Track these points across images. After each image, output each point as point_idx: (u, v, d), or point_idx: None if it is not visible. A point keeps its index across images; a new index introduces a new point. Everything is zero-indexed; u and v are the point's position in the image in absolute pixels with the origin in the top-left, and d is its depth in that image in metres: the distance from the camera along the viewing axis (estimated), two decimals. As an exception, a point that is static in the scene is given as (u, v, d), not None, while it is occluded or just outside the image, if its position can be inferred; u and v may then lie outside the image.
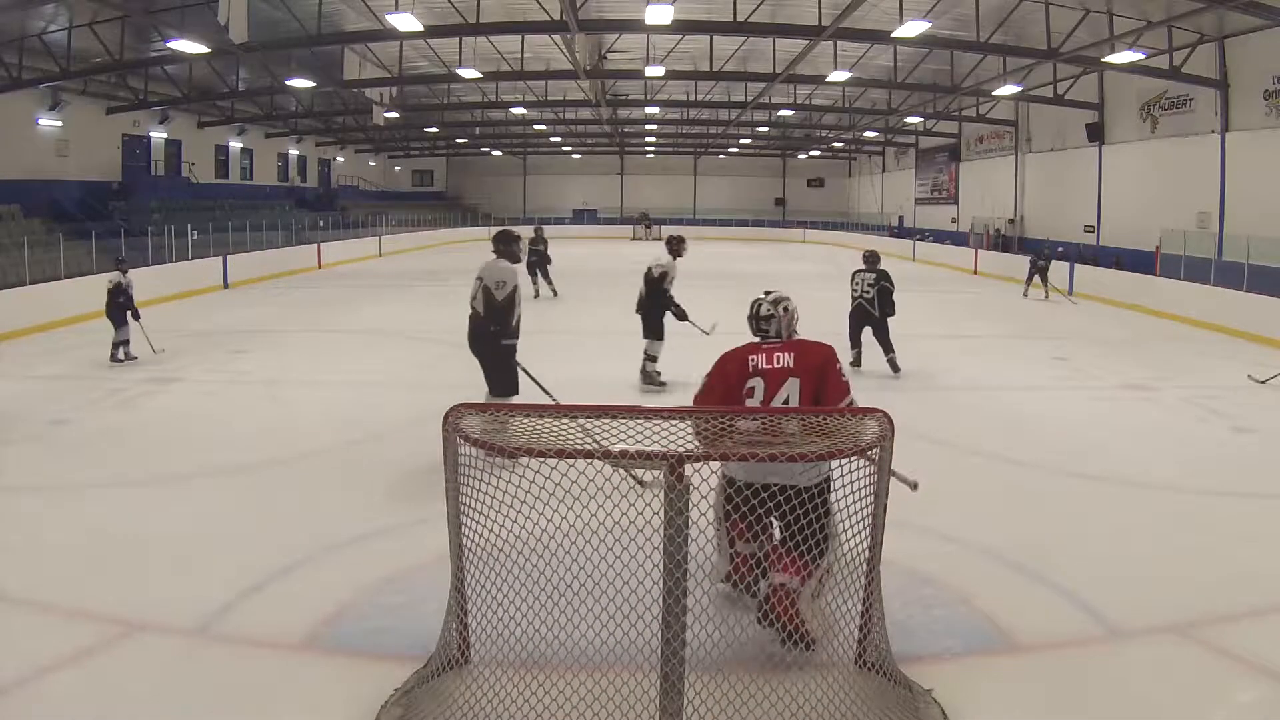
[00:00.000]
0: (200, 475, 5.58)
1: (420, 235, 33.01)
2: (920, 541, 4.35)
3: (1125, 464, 5.97)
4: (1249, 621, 3.65)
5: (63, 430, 6.71)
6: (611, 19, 17.18)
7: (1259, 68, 15.76)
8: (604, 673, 2.95)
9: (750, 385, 3.44)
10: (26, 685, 3.08)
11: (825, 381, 3.44)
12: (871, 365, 9.08)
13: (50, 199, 18.83)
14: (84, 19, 15.84)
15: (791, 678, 2.95)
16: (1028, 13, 15.77)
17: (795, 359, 3.47)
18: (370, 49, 21.21)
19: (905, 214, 35.73)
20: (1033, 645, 3.48)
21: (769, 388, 3.43)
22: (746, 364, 3.49)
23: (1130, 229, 19.64)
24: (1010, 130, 26.46)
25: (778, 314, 3.69)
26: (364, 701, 2.97)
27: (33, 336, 11.19)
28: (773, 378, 3.43)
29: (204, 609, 3.65)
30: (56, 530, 4.61)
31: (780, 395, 3.41)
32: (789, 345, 3.57)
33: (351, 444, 6.38)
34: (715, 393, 3.49)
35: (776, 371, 3.44)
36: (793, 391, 3.41)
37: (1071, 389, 8.66)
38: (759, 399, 3.42)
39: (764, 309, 3.69)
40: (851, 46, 18.77)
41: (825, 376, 3.45)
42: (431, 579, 3.68)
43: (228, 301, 15.25)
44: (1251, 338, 11.80)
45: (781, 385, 3.42)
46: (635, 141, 39.82)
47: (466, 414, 2.92)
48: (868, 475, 2.91)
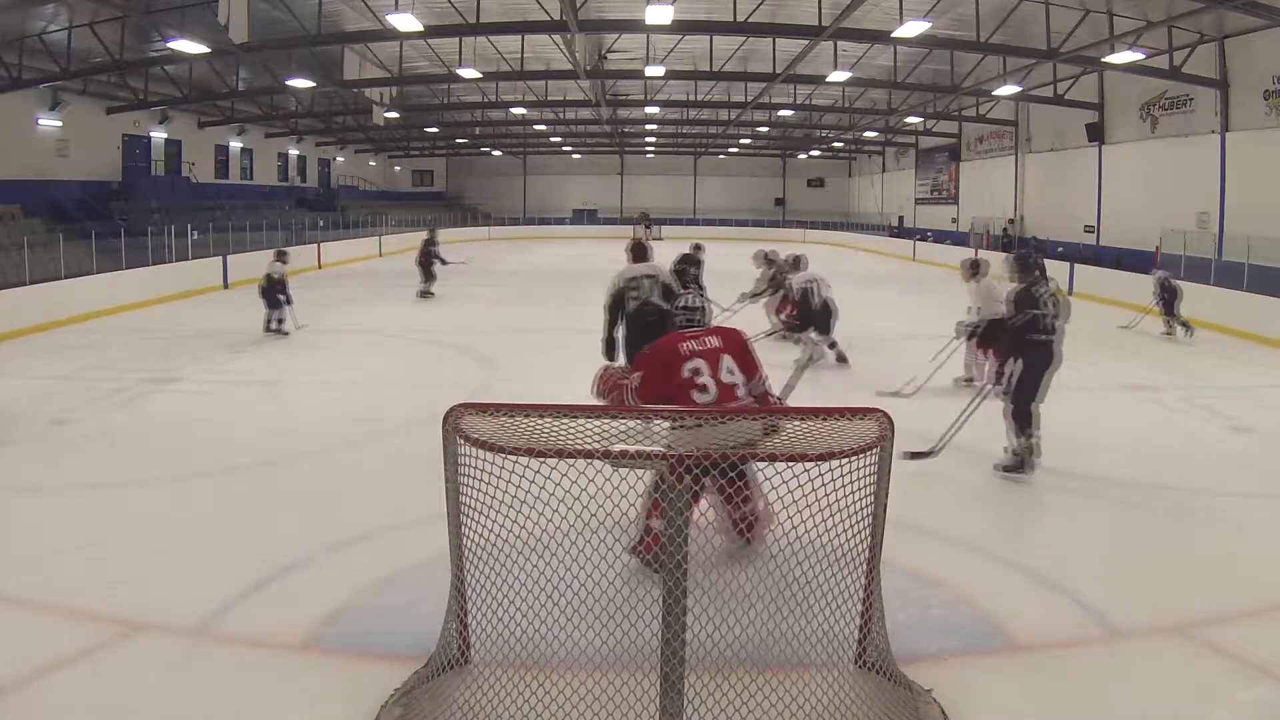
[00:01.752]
0: (200, 475, 5.58)
1: (420, 235, 32.91)
2: (920, 541, 4.35)
3: (1125, 464, 5.97)
4: (1249, 621, 3.65)
5: (63, 430, 6.70)
6: (611, 19, 17.17)
7: (1259, 68, 15.75)
8: (604, 673, 2.95)
9: (694, 366, 3.90)
10: (26, 685, 3.08)
11: (750, 359, 4.02)
12: (866, 367, 9.08)
13: (50, 199, 18.82)
14: (84, 19, 15.82)
15: (792, 678, 2.95)
16: (1028, 13, 15.76)
17: (723, 340, 4.01)
18: (370, 49, 21.19)
19: (905, 214, 35.72)
20: (1033, 645, 3.48)
21: (711, 366, 3.91)
22: (679, 350, 3.95)
23: (1130, 229, 19.63)
24: (1010, 130, 26.45)
25: (706, 306, 4.30)
26: (364, 701, 2.97)
27: (33, 336, 11.18)
28: (710, 356, 3.93)
29: (204, 609, 3.65)
30: (56, 530, 4.61)
31: (723, 367, 3.92)
32: (711, 330, 4.12)
33: (351, 444, 6.38)
34: (653, 381, 3.93)
35: (711, 351, 3.95)
36: (731, 365, 3.93)
37: (1071, 389, 8.64)
38: (706, 375, 3.89)
39: (694, 301, 4.26)
40: (851, 46, 18.76)
41: (747, 353, 4.03)
42: (431, 579, 3.68)
43: (228, 301, 15.23)
44: (1251, 338, 11.79)
45: (720, 360, 3.93)
46: (635, 141, 39.80)
47: (466, 414, 2.92)
48: (868, 475, 2.91)
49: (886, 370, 8.89)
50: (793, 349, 9.27)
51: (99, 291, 13.38)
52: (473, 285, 17.83)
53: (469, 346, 10.25)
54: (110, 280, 14.05)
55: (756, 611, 3.11)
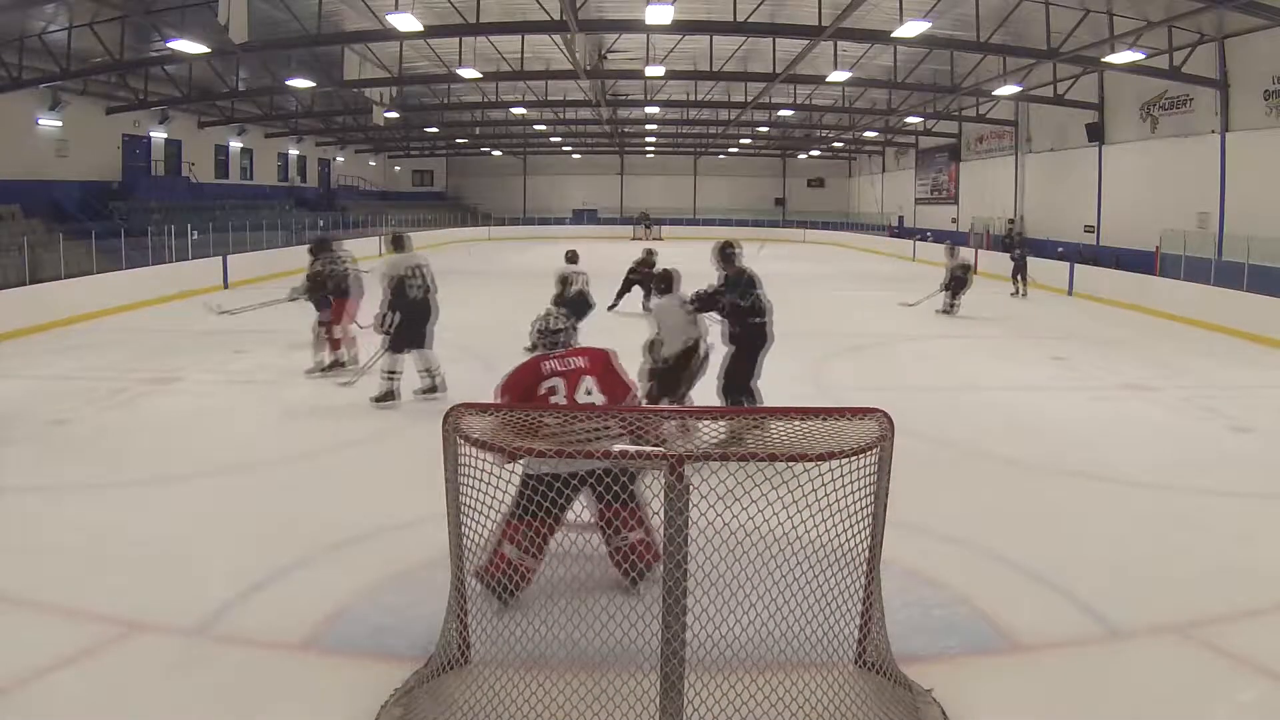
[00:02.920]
0: (200, 475, 5.58)
1: (420, 235, 32.92)
2: (920, 541, 4.35)
3: (1125, 464, 5.97)
4: (1249, 621, 3.65)
5: (63, 430, 6.70)
6: (611, 19, 17.17)
7: (1259, 68, 15.76)
8: (604, 673, 2.95)
9: (550, 385, 3.84)
10: (26, 685, 3.08)
11: (614, 378, 3.95)
12: (867, 367, 9.08)
13: (50, 199, 18.82)
14: (84, 19, 15.82)
15: (792, 678, 2.95)
16: (1028, 13, 15.76)
17: (588, 361, 3.95)
18: (370, 49, 21.19)
19: (905, 214, 35.73)
20: (1033, 645, 3.48)
21: (569, 385, 3.85)
22: (539, 370, 3.88)
23: (1130, 229, 19.63)
24: (1010, 130, 26.45)
25: (567, 327, 4.19)
26: (364, 701, 2.97)
27: (33, 336, 11.18)
28: (570, 378, 3.87)
29: (204, 609, 3.65)
30: (56, 530, 4.60)
31: (580, 389, 3.86)
32: (576, 351, 4.05)
33: (351, 444, 6.38)
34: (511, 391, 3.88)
35: (572, 372, 3.89)
36: (591, 386, 3.87)
37: (1071, 389, 8.66)
38: (561, 395, 3.83)
39: (556, 323, 4.16)
40: (851, 46, 18.76)
41: (611, 373, 3.96)
42: (431, 579, 3.68)
43: (228, 302, 15.21)
44: (1251, 338, 11.79)
45: (580, 382, 3.87)
46: (635, 141, 39.80)
47: (466, 414, 2.92)
48: (868, 475, 2.92)
49: (886, 369, 8.91)
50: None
51: (99, 291, 13.37)
52: (473, 285, 17.81)
53: (469, 346, 10.24)
54: (110, 280, 14.04)
55: (756, 611, 3.11)
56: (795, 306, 14.90)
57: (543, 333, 4.12)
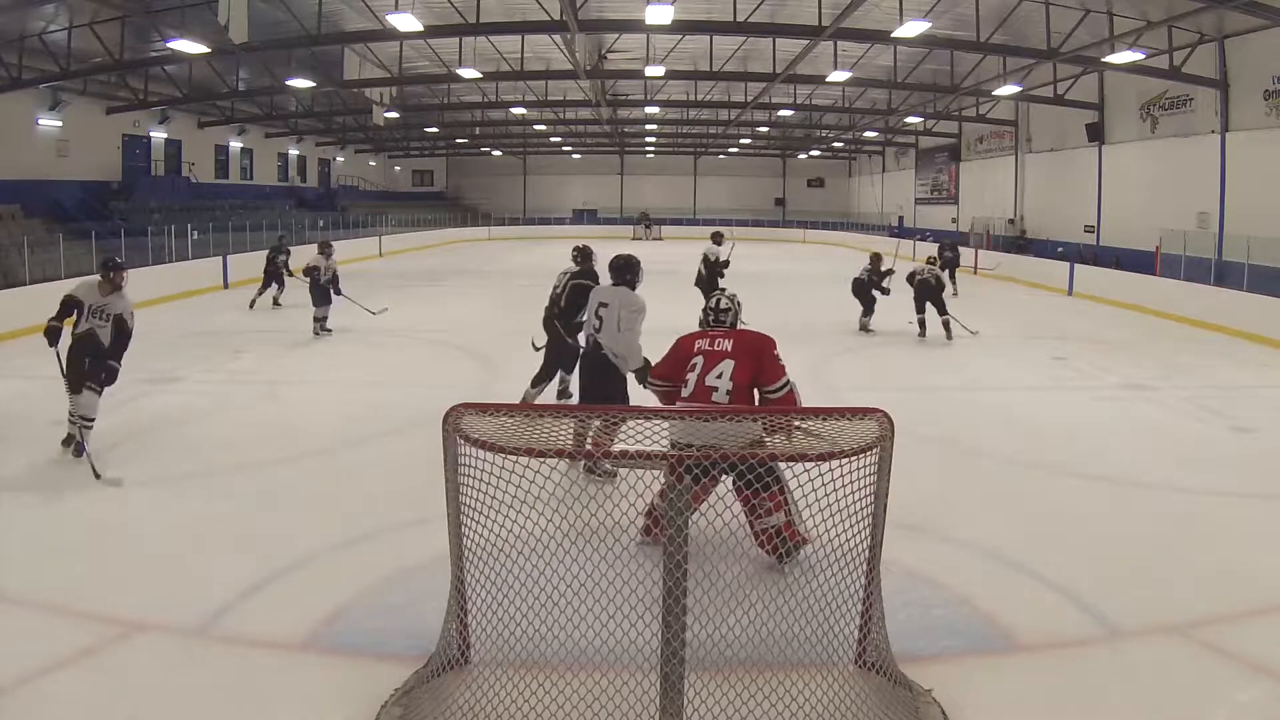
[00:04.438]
0: (200, 475, 5.58)
1: (420, 235, 33.01)
2: (920, 541, 4.36)
3: (1125, 464, 5.97)
4: (1249, 621, 3.65)
5: (62, 430, 6.69)
6: (611, 19, 17.17)
7: (1259, 68, 15.75)
8: (604, 673, 2.95)
9: (693, 362, 4.17)
10: (26, 685, 3.08)
11: (762, 364, 4.12)
12: (867, 367, 9.09)
13: (50, 199, 18.82)
14: (84, 19, 15.83)
15: (792, 678, 2.95)
16: (1028, 13, 15.76)
17: (734, 345, 4.17)
18: (370, 49, 21.21)
19: (905, 214, 35.72)
20: (1033, 645, 3.48)
21: (706, 364, 4.13)
22: (694, 345, 4.23)
23: (1130, 229, 19.63)
24: (1010, 130, 26.45)
25: (734, 307, 4.52)
26: (364, 701, 2.97)
27: (33, 336, 11.14)
28: (711, 357, 4.14)
29: (204, 609, 3.65)
30: (56, 530, 4.60)
31: (714, 372, 4.10)
32: (730, 333, 4.29)
33: (351, 444, 6.38)
34: (668, 362, 4.34)
35: (715, 353, 4.15)
36: (726, 370, 4.08)
37: (1071, 389, 8.66)
38: (698, 372, 4.13)
39: (723, 302, 4.51)
40: (851, 46, 18.77)
41: (762, 360, 4.12)
42: (431, 579, 3.68)
43: (228, 301, 15.23)
44: (1251, 338, 11.79)
45: (717, 364, 4.11)
46: (635, 141, 39.80)
47: (466, 414, 2.92)
48: (868, 475, 2.92)
49: (886, 369, 8.91)
50: None
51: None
52: (473, 285, 17.82)
53: (469, 346, 10.25)
54: (110, 280, 14.02)
55: (756, 611, 3.11)
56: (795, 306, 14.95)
57: (709, 310, 4.48)
